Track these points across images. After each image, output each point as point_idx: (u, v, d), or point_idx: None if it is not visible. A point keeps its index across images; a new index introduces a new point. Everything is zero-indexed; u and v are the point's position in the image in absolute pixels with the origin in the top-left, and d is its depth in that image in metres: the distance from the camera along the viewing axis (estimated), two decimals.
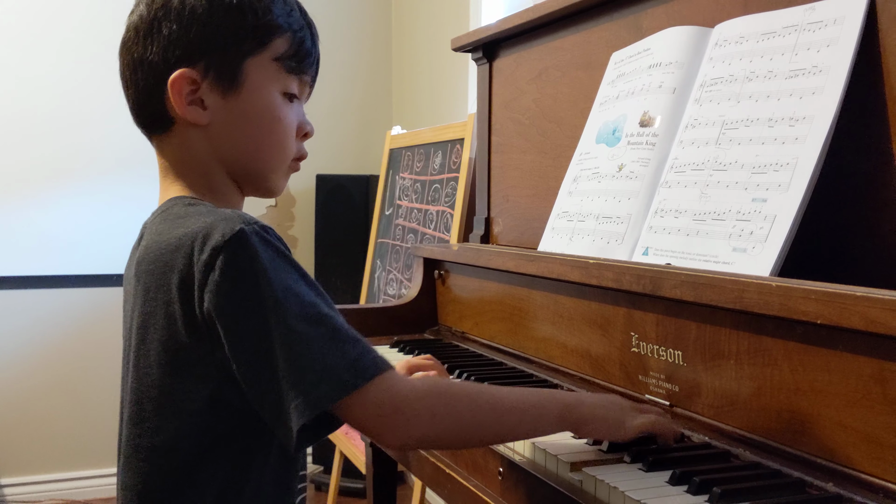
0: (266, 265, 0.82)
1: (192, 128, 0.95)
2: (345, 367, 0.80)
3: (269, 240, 0.84)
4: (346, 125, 3.65)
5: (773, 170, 1.05)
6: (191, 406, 0.87)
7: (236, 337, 0.82)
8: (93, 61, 3.23)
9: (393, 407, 0.83)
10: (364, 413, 0.82)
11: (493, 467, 1.06)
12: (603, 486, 0.88)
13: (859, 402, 0.83)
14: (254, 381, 0.82)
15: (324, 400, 0.79)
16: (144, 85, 0.95)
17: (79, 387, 3.29)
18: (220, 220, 0.85)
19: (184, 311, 0.85)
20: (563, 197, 1.47)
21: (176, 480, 0.89)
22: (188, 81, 0.93)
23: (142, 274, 0.91)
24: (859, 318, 0.81)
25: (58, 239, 3.27)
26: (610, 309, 1.20)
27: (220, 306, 0.82)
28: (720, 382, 1.00)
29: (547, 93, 1.71)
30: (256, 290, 0.81)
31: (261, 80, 0.96)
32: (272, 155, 0.99)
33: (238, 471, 0.90)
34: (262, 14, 0.96)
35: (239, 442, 0.89)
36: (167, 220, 0.92)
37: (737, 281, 0.95)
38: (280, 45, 0.97)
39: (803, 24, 1.08)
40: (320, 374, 0.80)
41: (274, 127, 0.98)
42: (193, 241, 0.84)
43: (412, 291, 1.83)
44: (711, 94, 1.19)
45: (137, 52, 0.95)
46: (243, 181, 1.00)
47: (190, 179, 0.97)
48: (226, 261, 0.81)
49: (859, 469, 0.83)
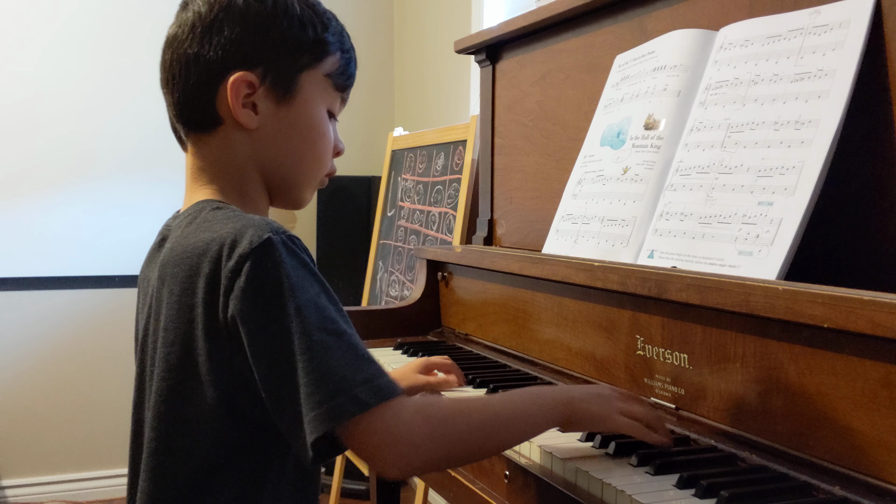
0: (291, 274, 0.82)
1: (239, 130, 0.96)
2: (361, 384, 0.80)
3: (295, 250, 0.84)
4: (349, 126, 3.64)
5: (778, 173, 1.05)
6: (206, 413, 0.87)
7: (259, 343, 0.82)
8: (102, 64, 3.23)
9: (393, 438, 0.81)
10: (367, 440, 0.81)
11: (500, 471, 1.06)
12: (609, 489, 0.88)
13: (866, 406, 0.83)
14: (273, 390, 0.82)
15: (340, 413, 0.79)
16: (196, 81, 0.95)
17: (81, 388, 3.29)
18: (249, 226, 0.85)
19: (206, 316, 0.85)
20: (567, 199, 1.47)
21: (190, 487, 0.88)
22: (247, 84, 0.94)
23: (167, 277, 0.91)
24: (866, 321, 0.81)
25: (62, 240, 3.27)
26: (615, 312, 1.20)
27: (244, 312, 0.82)
28: (726, 386, 1.00)
29: (550, 95, 1.71)
30: (280, 299, 0.81)
31: (312, 94, 0.98)
32: (311, 168, 1.01)
33: (253, 481, 0.89)
34: (321, 30, 0.98)
35: (254, 452, 0.89)
36: (194, 223, 0.92)
37: (743, 284, 0.95)
38: (332, 62, 1.00)
39: (809, 28, 1.08)
40: (338, 386, 0.79)
41: (318, 141, 1.00)
42: (221, 246, 0.85)
43: (415, 293, 1.83)
44: (716, 97, 1.19)
45: (192, 48, 0.95)
46: (275, 190, 1.01)
47: (223, 182, 0.98)
48: (252, 268, 0.82)
49: (866, 473, 0.83)
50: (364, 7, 3.67)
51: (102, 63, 3.23)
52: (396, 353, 1.63)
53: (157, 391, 0.90)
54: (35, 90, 3.21)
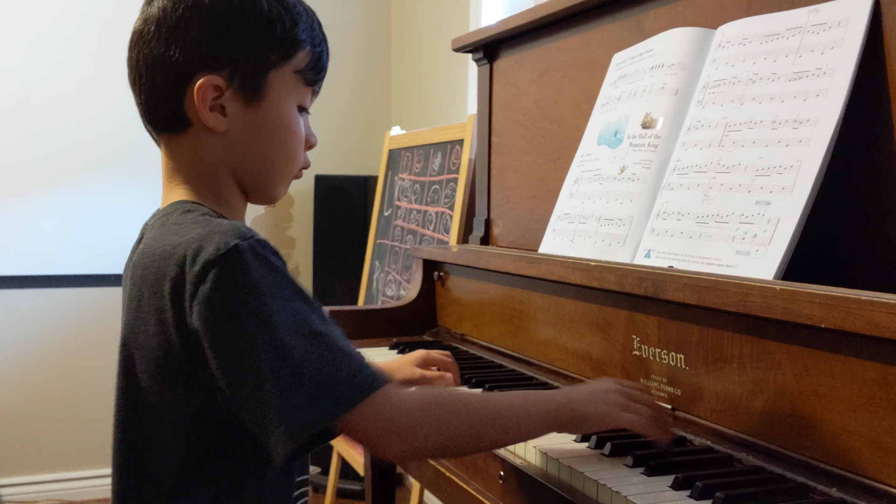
0: (259, 281, 0.81)
1: (209, 133, 0.94)
2: (343, 382, 0.80)
3: (263, 255, 0.83)
4: (345, 125, 3.64)
5: (776, 172, 1.04)
6: (183, 414, 0.86)
7: (222, 352, 0.81)
8: (94, 60, 3.22)
9: (391, 421, 0.82)
10: (363, 427, 0.82)
11: (494, 471, 1.05)
12: (605, 490, 0.87)
13: (863, 407, 0.83)
14: (239, 398, 0.81)
15: (322, 417, 0.79)
16: (162, 83, 0.93)
17: (75, 387, 3.28)
18: (216, 232, 0.84)
19: (176, 320, 0.84)
20: (564, 199, 1.46)
21: (167, 488, 0.88)
22: (213, 88, 0.92)
23: (137, 278, 0.90)
24: (864, 322, 0.80)
25: (55, 239, 3.26)
26: (611, 312, 1.20)
27: (208, 320, 0.81)
28: (722, 386, 0.99)
29: (548, 94, 1.70)
30: (246, 306, 0.80)
31: (281, 92, 0.96)
32: (283, 166, 1.00)
33: (233, 481, 0.89)
34: (290, 26, 0.96)
35: (233, 452, 0.88)
36: (164, 226, 0.91)
37: (740, 284, 0.94)
38: (302, 58, 0.98)
39: (807, 26, 1.08)
40: (317, 390, 0.79)
41: (289, 140, 0.99)
42: (186, 251, 0.84)
43: (411, 293, 1.83)
44: (714, 95, 1.18)
45: (158, 48, 0.93)
46: (249, 188, 1.00)
47: (196, 182, 0.96)
48: (218, 275, 0.81)
49: (863, 474, 0.83)
50: (361, 5, 3.67)
51: (90, 60, 3.21)
52: (392, 352, 1.62)
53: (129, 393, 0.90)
54: (22, 87, 3.19)
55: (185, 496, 0.87)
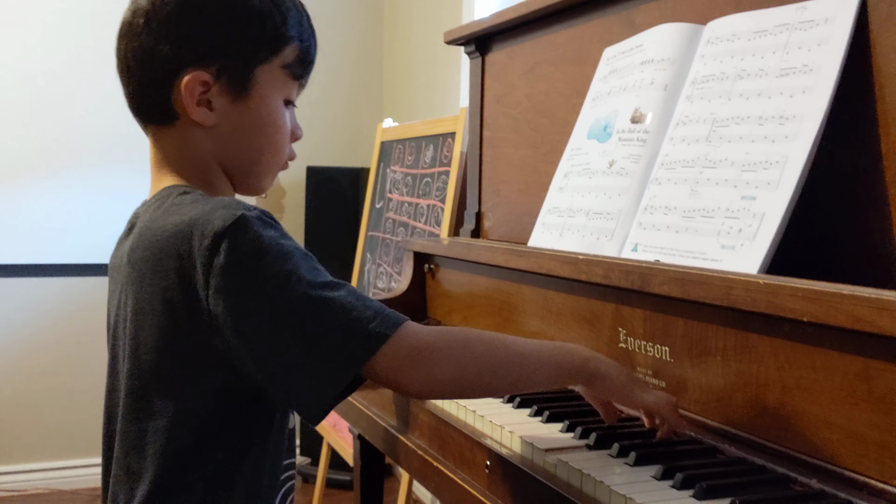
0: (272, 245, 0.83)
1: (196, 127, 0.95)
2: (371, 318, 0.83)
3: (270, 223, 0.86)
4: (337, 117, 3.64)
5: (762, 168, 1.05)
6: (190, 392, 0.87)
7: (247, 318, 0.82)
8: (82, 50, 3.21)
9: (418, 352, 0.85)
10: (391, 364, 0.85)
11: (481, 461, 1.06)
12: (589, 480, 0.88)
13: (845, 400, 0.84)
14: (270, 361, 0.83)
15: (358, 357, 0.82)
16: (151, 77, 0.94)
17: (66, 376, 3.28)
18: (220, 206, 0.85)
19: (185, 297, 0.85)
20: (553, 192, 1.47)
21: (172, 465, 0.88)
22: (201, 83, 0.93)
23: (136, 261, 0.90)
24: (845, 316, 0.81)
25: (45, 228, 3.25)
26: (599, 305, 1.21)
27: (227, 290, 0.82)
28: (707, 379, 1.00)
29: (539, 87, 1.71)
30: (267, 269, 0.82)
31: (268, 88, 0.97)
32: (269, 160, 1.01)
33: (233, 458, 0.90)
34: (279, 23, 0.96)
35: (237, 428, 0.89)
36: (162, 208, 0.92)
37: (724, 278, 0.95)
38: (289, 53, 0.98)
39: (795, 23, 1.09)
40: (353, 327, 0.82)
41: (275, 134, 1.00)
42: (193, 227, 0.84)
43: (402, 285, 1.83)
44: (703, 91, 1.19)
45: (147, 42, 0.93)
46: (236, 180, 1.01)
47: (186, 172, 0.97)
48: (230, 245, 0.82)
49: (843, 466, 0.84)
50: None
51: (88, 53, 3.20)
52: None
53: (136, 374, 0.90)
54: (10, 77, 3.18)
55: (183, 477, 0.88)
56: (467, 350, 0.89)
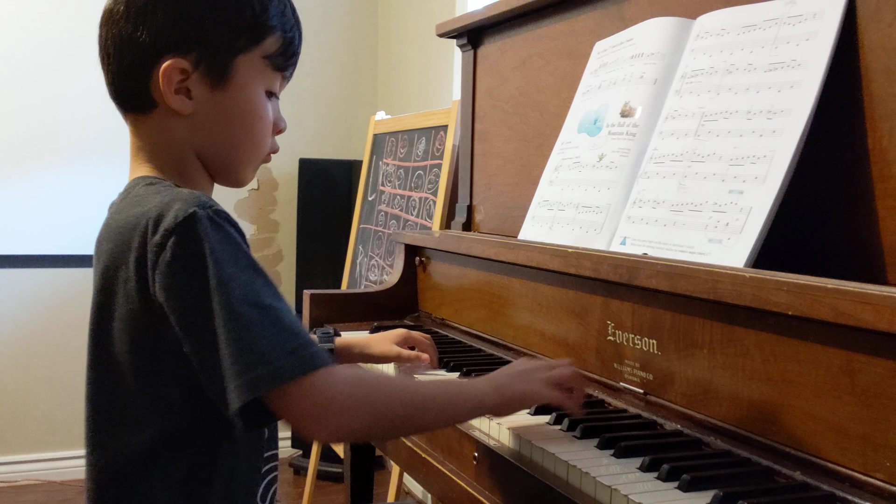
0: (215, 248, 0.83)
1: (174, 115, 0.95)
2: (283, 355, 0.81)
3: (220, 224, 0.85)
4: (330, 109, 3.63)
5: (750, 162, 1.06)
6: (155, 383, 0.88)
7: (183, 317, 0.83)
8: (72, 42, 3.19)
9: (328, 403, 0.83)
10: (297, 407, 0.83)
11: (469, 452, 1.07)
12: (575, 471, 0.89)
13: (828, 393, 0.85)
14: (200, 361, 0.83)
15: (260, 384, 0.80)
16: (129, 64, 0.94)
17: (54, 367, 3.27)
18: (176, 200, 0.85)
19: (140, 289, 0.86)
20: (543, 186, 1.48)
21: (141, 462, 0.89)
22: (179, 71, 0.93)
23: (102, 253, 0.92)
24: (829, 309, 0.82)
25: (30, 219, 3.24)
26: (587, 298, 1.21)
27: (168, 286, 0.83)
28: (693, 371, 1.01)
29: (530, 81, 1.71)
30: (204, 273, 0.82)
31: (248, 78, 0.96)
32: (249, 151, 1.00)
33: (207, 455, 0.90)
34: (259, 12, 0.95)
35: (207, 425, 0.89)
36: (126, 199, 0.93)
37: (711, 272, 0.96)
38: (271, 44, 0.98)
39: (783, 18, 1.09)
40: (258, 358, 0.80)
41: (255, 125, 0.99)
42: (149, 220, 0.85)
43: (393, 278, 1.84)
44: (692, 85, 1.20)
45: (126, 29, 0.93)
46: (215, 171, 1.01)
47: (162, 162, 0.97)
48: (176, 242, 0.82)
49: (826, 458, 0.85)
50: None
51: (74, 43, 3.18)
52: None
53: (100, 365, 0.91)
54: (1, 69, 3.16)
55: (159, 470, 0.89)
56: (377, 405, 0.88)
